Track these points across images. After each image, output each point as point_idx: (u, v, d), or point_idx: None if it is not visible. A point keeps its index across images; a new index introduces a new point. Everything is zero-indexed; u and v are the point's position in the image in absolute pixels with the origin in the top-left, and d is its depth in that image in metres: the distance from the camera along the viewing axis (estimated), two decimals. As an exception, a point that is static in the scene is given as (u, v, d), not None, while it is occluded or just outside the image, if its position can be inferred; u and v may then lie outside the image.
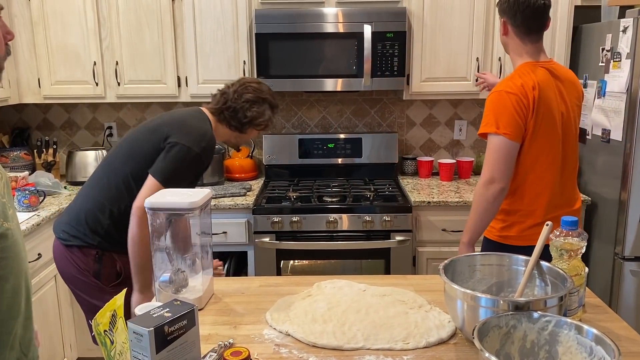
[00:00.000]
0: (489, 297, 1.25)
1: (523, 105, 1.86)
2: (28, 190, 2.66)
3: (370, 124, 3.42)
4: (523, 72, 1.92)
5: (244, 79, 2.15)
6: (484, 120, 1.92)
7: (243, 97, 2.06)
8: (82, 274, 1.98)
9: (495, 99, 1.89)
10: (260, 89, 2.11)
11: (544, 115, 1.89)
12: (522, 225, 1.98)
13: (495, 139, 1.88)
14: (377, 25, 2.84)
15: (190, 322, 1.16)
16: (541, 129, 1.90)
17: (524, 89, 1.87)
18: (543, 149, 1.93)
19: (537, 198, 1.96)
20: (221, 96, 2.09)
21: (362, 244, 2.75)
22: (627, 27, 2.45)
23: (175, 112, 2.08)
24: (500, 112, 1.87)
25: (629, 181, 2.49)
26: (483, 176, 1.92)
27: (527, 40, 1.96)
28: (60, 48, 2.98)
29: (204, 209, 1.53)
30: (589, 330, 1.11)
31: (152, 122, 2.04)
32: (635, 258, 2.56)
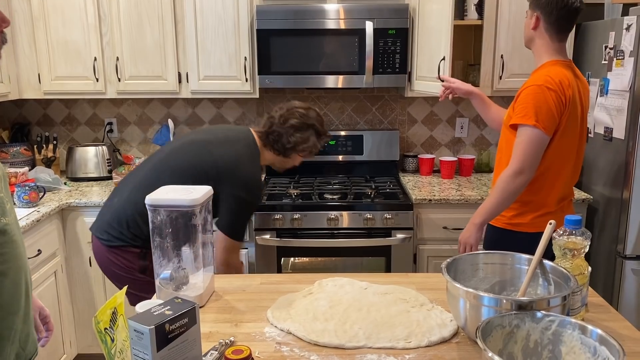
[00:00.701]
0: (492, 296, 1.24)
1: (561, 102, 1.92)
2: (28, 186, 2.65)
3: (371, 121, 3.41)
4: (557, 70, 1.96)
5: (293, 104, 2.16)
6: (522, 112, 1.93)
7: (288, 122, 2.09)
8: (127, 272, 1.99)
9: (537, 93, 1.91)
10: (307, 115, 2.12)
11: (572, 114, 1.96)
12: (535, 213, 2.05)
13: (531, 131, 1.92)
14: (379, 22, 2.83)
15: (191, 320, 1.15)
16: (569, 127, 1.97)
17: (562, 86, 1.91)
18: (566, 145, 2.00)
19: (552, 190, 2.04)
20: (268, 120, 2.13)
21: (362, 241, 2.75)
22: (630, 24, 2.43)
23: (228, 140, 2.06)
24: (540, 106, 1.90)
25: (631, 180, 2.48)
26: (512, 166, 1.96)
27: (556, 38, 2.00)
28: (61, 43, 2.97)
29: (205, 206, 1.52)
30: (594, 330, 1.10)
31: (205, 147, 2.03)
32: (637, 257, 2.56)
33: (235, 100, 3.38)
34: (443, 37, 2.66)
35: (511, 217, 2.09)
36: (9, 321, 1.10)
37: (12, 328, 1.10)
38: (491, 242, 2.17)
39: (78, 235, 2.82)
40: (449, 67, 2.64)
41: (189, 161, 2.01)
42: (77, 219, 2.80)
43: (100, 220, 2.06)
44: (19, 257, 1.12)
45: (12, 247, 1.09)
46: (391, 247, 2.75)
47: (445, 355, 1.28)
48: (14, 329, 1.10)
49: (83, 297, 2.87)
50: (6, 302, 1.08)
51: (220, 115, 3.41)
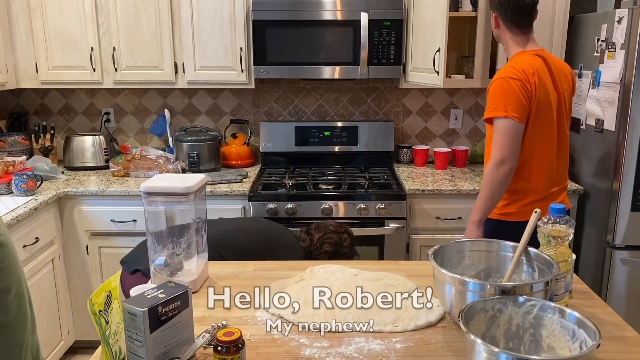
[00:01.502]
0: (477, 281, 1.28)
1: (527, 89, 1.99)
2: (25, 175, 2.68)
3: (366, 112, 3.44)
4: (521, 60, 2.05)
5: (329, 227, 2.22)
6: (491, 105, 2.03)
7: (323, 247, 2.18)
8: None
9: (501, 85, 2.01)
10: (340, 243, 2.20)
11: (542, 100, 2.02)
12: (523, 201, 2.11)
13: (503, 122, 1.99)
14: (374, 13, 2.85)
15: (184, 303, 1.19)
16: (541, 113, 2.03)
17: (526, 74, 2.00)
18: (542, 131, 2.06)
19: (537, 176, 2.10)
20: (306, 235, 2.22)
21: (356, 230, 2.77)
22: (622, 17, 2.46)
23: (289, 245, 2.16)
24: (507, 96, 1.99)
25: (620, 171, 2.52)
26: (493, 157, 2.03)
27: (517, 32, 2.11)
28: (58, 34, 2.99)
29: (198, 193, 1.55)
30: (571, 313, 1.14)
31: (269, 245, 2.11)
32: (626, 247, 2.60)
33: (231, 91, 3.40)
34: (438, 29, 2.69)
35: (502, 207, 2.15)
36: (18, 339, 1.02)
37: (23, 345, 1.03)
38: (487, 234, 2.21)
39: (75, 223, 2.85)
40: (443, 59, 2.66)
41: (258, 252, 2.05)
42: (75, 208, 2.83)
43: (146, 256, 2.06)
44: (17, 266, 1.06)
45: (11, 258, 1.03)
46: (384, 236, 2.79)
47: (431, 338, 1.32)
48: (24, 344, 1.03)
49: (80, 285, 2.91)
50: (13, 320, 1.01)
51: (217, 106, 3.44)
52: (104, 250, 2.88)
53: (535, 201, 2.08)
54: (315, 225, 2.26)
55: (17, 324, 1.02)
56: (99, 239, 2.87)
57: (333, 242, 2.18)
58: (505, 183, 2.04)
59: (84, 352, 3.00)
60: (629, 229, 2.57)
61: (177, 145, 3.17)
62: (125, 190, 2.80)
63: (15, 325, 1.01)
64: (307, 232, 2.24)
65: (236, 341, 1.15)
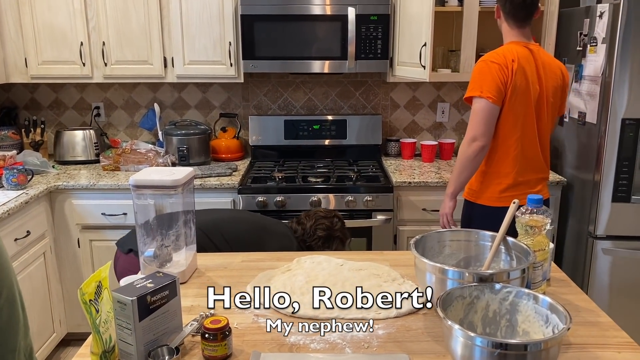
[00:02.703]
0: (456, 269, 1.33)
1: (504, 73, 2.08)
2: (16, 169, 2.70)
3: (355, 106, 3.47)
4: (507, 47, 2.17)
5: (318, 214, 2.29)
6: (470, 86, 2.15)
7: (316, 234, 2.23)
8: None
9: (481, 67, 2.14)
10: (332, 227, 2.26)
11: (520, 86, 2.11)
12: (497, 186, 2.21)
13: (479, 101, 2.10)
14: (361, 8, 2.88)
15: (172, 293, 1.23)
16: (517, 99, 2.12)
17: (505, 59, 2.11)
18: (518, 118, 2.14)
19: (512, 161, 2.19)
20: (298, 225, 2.27)
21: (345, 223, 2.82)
22: (603, 12, 2.51)
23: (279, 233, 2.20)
24: (484, 78, 2.10)
25: (602, 163, 2.58)
26: (467, 135, 2.15)
27: (514, 25, 2.20)
28: (47, 28, 3.00)
29: (187, 186, 1.58)
30: (544, 299, 1.19)
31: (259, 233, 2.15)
32: (607, 237, 2.66)
33: (220, 85, 3.43)
34: (424, 24, 2.72)
35: (477, 189, 2.27)
36: (11, 343, 0.98)
37: (16, 349, 0.98)
38: (465, 216, 2.36)
39: (66, 217, 2.88)
40: (429, 53, 2.70)
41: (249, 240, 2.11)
42: (65, 202, 2.86)
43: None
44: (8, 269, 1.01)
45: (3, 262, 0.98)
46: (372, 228, 2.83)
47: (412, 325, 1.36)
48: (17, 349, 0.99)
49: (72, 277, 2.94)
50: (5, 324, 0.96)
51: (206, 100, 3.46)
52: (95, 244, 2.91)
53: (510, 186, 2.20)
54: (304, 214, 2.31)
55: (9, 328, 0.98)
56: (90, 232, 2.89)
57: (325, 227, 2.24)
58: (475, 160, 2.16)
59: (75, 344, 3.03)
60: (610, 219, 2.63)
61: (167, 139, 3.20)
62: (115, 183, 2.83)
63: (7, 329, 0.97)
64: (298, 222, 2.29)
65: (223, 328, 1.19)
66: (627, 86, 2.48)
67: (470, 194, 2.30)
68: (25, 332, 1.05)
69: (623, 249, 2.66)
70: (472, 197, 2.29)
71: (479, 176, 2.24)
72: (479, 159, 2.16)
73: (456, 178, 2.25)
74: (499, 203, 2.19)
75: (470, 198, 2.30)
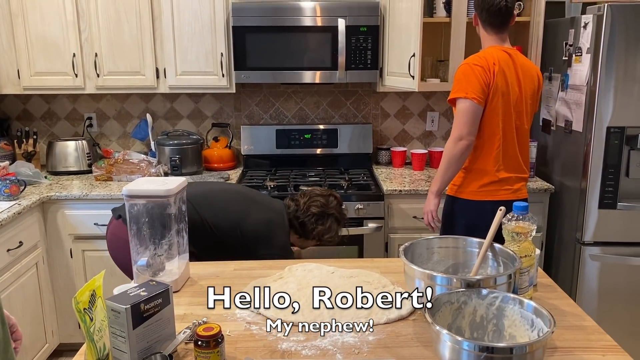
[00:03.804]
0: (444, 275, 1.36)
1: (487, 75, 2.18)
2: (9, 180, 2.70)
3: (346, 115, 3.51)
4: (487, 51, 2.28)
5: (314, 191, 2.29)
6: (454, 88, 2.24)
7: (310, 210, 2.22)
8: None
9: (464, 70, 2.23)
10: (327, 204, 2.24)
11: (501, 87, 2.21)
12: (479, 181, 2.29)
13: (464, 102, 2.19)
14: (351, 20, 2.93)
15: (165, 301, 1.25)
16: (499, 100, 2.21)
17: (487, 62, 2.21)
18: (499, 118, 2.24)
19: (494, 160, 2.27)
20: (292, 202, 2.27)
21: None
22: (587, 22, 2.56)
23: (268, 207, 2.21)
24: (469, 80, 2.19)
25: (588, 170, 2.62)
26: (452, 135, 2.23)
27: (491, 31, 2.31)
28: (40, 39, 3.02)
29: (179, 196, 1.61)
30: (529, 304, 1.22)
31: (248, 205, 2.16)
32: (595, 243, 2.70)
33: (212, 95, 3.46)
34: (413, 34, 2.77)
35: (460, 185, 2.35)
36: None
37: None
38: (446, 210, 2.43)
39: (59, 227, 2.88)
40: (418, 63, 2.74)
41: (234, 210, 2.14)
42: (58, 212, 2.86)
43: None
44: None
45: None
46: (363, 235, 2.86)
47: (402, 331, 1.39)
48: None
49: (65, 288, 2.94)
50: None
51: (199, 110, 3.49)
52: (87, 254, 2.91)
53: (492, 182, 2.28)
54: (301, 192, 2.32)
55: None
56: (82, 243, 2.90)
57: (319, 204, 2.23)
58: (461, 158, 2.24)
59: (68, 355, 3.02)
60: (598, 225, 2.67)
61: (159, 149, 3.22)
62: (108, 194, 2.84)
63: None
64: (292, 199, 2.29)
65: (215, 336, 1.21)
66: (612, 95, 2.53)
67: (452, 190, 2.38)
68: (6, 347, 1.07)
69: (610, 254, 2.69)
70: (454, 192, 2.37)
71: (461, 172, 2.32)
72: (465, 157, 2.25)
73: (441, 176, 2.32)
74: (480, 197, 2.29)
75: (452, 193, 2.39)
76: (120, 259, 2.12)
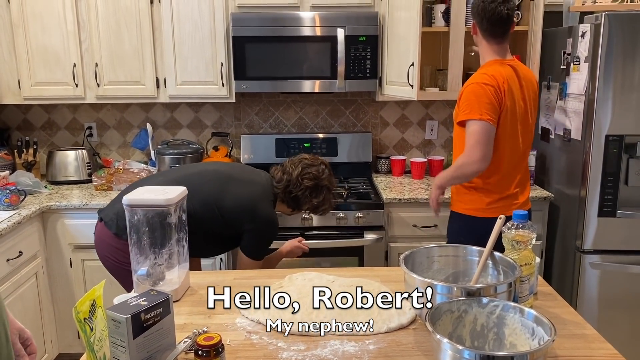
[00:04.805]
0: (444, 284, 1.36)
1: (498, 95, 2.13)
2: (9, 190, 2.71)
3: (345, 124, 3.52)
4: (493, 68, 2.19)
5: (304, 161, 2.24)
6: (466, 109, 2.15)
7: (303, 183, 2.19)
8: (121, 262, 2.06)
9: (476, 90, 2.14)
10: (319, 175, 2.21)
11: (509, 106, 2.17)
12: (488, 198, 2.26)
13: (478, 124, 2.11)
14: (350, 29, 2.95)
15: (166, 310, 1.25)
16: (508, 118, 2.17)
17: (497, 81, 2.14)
18: (508, 135, 2.20)
19: (504, 177, 2.25)
20: (283, 174, 2.21)
21: (336, 242, 2.82)
22: (585, 32, 2.58)
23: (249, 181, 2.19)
24: (481, 100, 2.12)
25: (587, 179, 2.62)
26: (469, 156, 2.13)
27: (493, 41, 2.24)
28: (40, 50, 3.03)
29: (179, 205, 1.61)
30: (529, 312, 1.22)
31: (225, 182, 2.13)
32: (595, 251, 2.70)
33: (212, 105, 3.47)
34: (411, 44, 2.78)
35: (469, 202, 2.30)
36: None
37: None
38: (457, 228, 2.38)
39: (59, 237, 2.88)
40: (417, 73, 2.76)
41: (208, 191, 2.12)
42: (58, 221, 2.86)
43: (112, 207, 2.15)
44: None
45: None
46: (363, 247, 2.85)
47: (402, 340, 1.39)
48: None
49: (64, 298, 2.93)
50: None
51: (199, 119, 3.50)
52: (87, 263, 2.91)
53: (500, 199, 2.25)
54: (289, 161, 2.26)
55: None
56: (82, 252, 2.90)
57: (312, 176, 2.19)
58: (472, 177, 2.22)
59: (67, 365, 3.01)
60: (597, 234, 2.67)
61: (159, 159, 3.22)
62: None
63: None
64: (283, 171, 2.23)
65: (216, 345, 1.21)
66: (610, 103, 2.54)
67: (460, 207, 2.33)
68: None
69: (610, 262, 2.70)
70: (462, 210, 2.32)
71: (469, 190, 2.28)
72: (475, 177, 2.22)
73: (449, 180, 2.29)
74: (488, 214, 2.23)
75: (459, 210, 2.33)
76: (102, 259, 2.15)
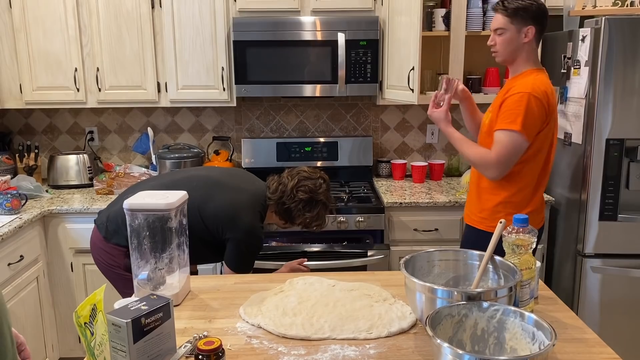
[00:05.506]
0: (445, 288, 1.36)
1: (544, 110, 2.06)
2: (10, 194, 2.71)
3: (346, 128, 3.52)
4: (543, 79, 2.12)
5: (302, 173, 2.16)
6: (510, 117, 2.05)
7: (297, 196, 2.11)
8: (113, 267, 2.09)
9: (524, 100, 2.04)
10: (316, 189, 2.13)
11: (553, 120, 2.12)
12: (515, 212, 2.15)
13: (516, 136, 2.05)
14: (351, 34, 2.95)
15: (166, 315, 1.25)
16: (547, 134, 2.12)
17: (547, 95, 2.07)
18: (544, 151, 2.15)
19: (532, 192, 2.18)
20: (278, 185, 2.14)
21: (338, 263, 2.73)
22: (585, 36, 2.58)
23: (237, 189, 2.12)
24: (527, 113, 2.03)
25: (588, 182, 2.62)
26: (494, 158, 2.09)
27: (536, 47, 2.19)
28: (42, 54, 3.04)
29: (180, 209, 1.61)
30: (530, 316, 1.22)
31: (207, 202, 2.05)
32: (596, 255, 2.69)
33: (213, 109, 3.47)
34: (412, 48, 2.79)
35: (490, 217, 2.20)
36: None
37: None
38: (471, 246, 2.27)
39: (60, 241, 2.88)
40: (417, 77, 2.76)
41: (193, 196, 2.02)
42: (59, 226, 2.87)
43: (105, 211, 2.16)
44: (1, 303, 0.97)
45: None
46: (367, 266, 2.77)
47: (403, 344, 1.39)
48: None
49: (65, 302, 2.93)
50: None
51: (199, 124, 3.50)
52: (88, 267, 2.91)
53: (532, 212, 2.16)
54: (287, 172, 2.19)
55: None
56: (83, 256, 2.90)
57: (307, 189, 2.11)
58: (476, 169, 2.20)
59: (68, 370, 3.01)
60: (598, 237, 2.67)
61: (161, 163, 3.23)
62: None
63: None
64: (279, 181, 2.16)
65: (216, 350, 1.21)
66: (611, 107, 2.55)
67: (483, 224, 2.23)
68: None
69: (612, 266, 2.69)
70: (485, 227, 2.21)
71: (497, 206, 2.19)
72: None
73: (454, 143, 2.23)
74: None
75: (482, 227, 2.23)
76: (95, 261, 2.16)
